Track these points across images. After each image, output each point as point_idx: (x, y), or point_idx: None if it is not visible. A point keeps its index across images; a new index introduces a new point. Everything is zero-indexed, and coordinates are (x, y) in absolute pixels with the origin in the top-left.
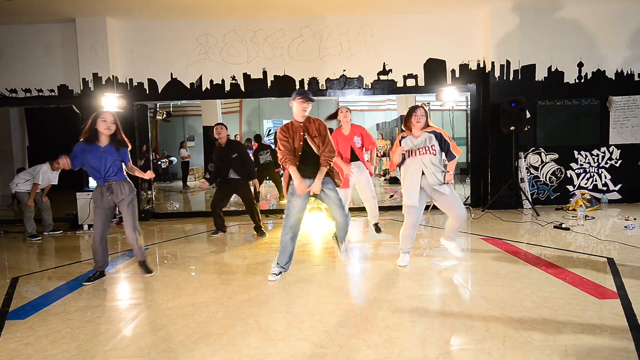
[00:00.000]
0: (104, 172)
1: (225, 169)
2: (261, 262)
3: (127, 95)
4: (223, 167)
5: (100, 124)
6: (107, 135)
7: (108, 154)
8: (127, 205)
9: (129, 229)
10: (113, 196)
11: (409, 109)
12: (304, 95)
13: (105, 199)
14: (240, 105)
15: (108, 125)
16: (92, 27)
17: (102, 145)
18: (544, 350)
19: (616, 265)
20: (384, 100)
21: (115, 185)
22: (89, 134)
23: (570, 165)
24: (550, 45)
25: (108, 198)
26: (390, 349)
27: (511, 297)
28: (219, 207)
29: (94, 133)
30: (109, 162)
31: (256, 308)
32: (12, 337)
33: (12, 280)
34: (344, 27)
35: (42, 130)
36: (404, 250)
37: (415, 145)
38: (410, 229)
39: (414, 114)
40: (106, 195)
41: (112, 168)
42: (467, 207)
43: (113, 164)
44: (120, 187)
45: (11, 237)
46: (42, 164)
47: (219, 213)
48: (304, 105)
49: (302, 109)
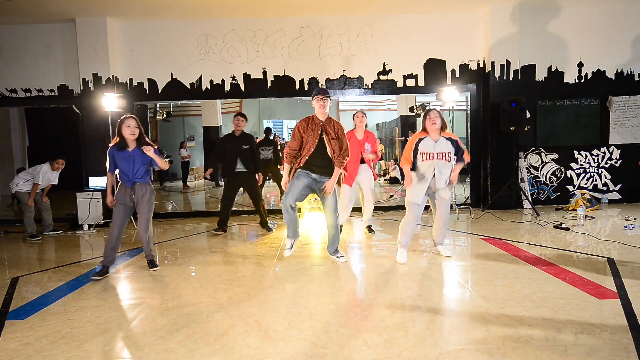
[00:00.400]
0: (132, 176)
1: (233, 158)
2: (261, 262)
3: (127, 95)
4: (230, 156)
5: (125, 130)
6: (133, 140)
7: (135, 157)
8: (145, 204)
9: (142, 229)
10: (135, 196)
11: (424, 112)
12: (320, 92)
13: (128, 198)
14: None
15: (132, 130)
16: (92, 27)
17: (130, 150)
18: (544, 350)
19: (616, 265)
20: (384, 100)
21: (139, 187)
22: (119, 140)
23: (570, 165)
24: (550, 45)
25: (131, 196)
26: (390, 349)
27: (511, 297)
28: (229, 204)
29: (123, 139)
30: (137, 166)
31: (256, 308)
32: (12, 337)
33: (12, 280)
34: (344, 27)
35: (42, 130)
36: (402, 245)
37: (434, 149)
38: (410, 224)
39: (428, 117)
40: (129, 194)
41: (139, 171)
42: (467, 207)
43: (140, 168)
44: (143, 188)
45: (11, 237)
46: (43, 164)
47: (227, 211)
48: (321, 102)
49: (320, 106)
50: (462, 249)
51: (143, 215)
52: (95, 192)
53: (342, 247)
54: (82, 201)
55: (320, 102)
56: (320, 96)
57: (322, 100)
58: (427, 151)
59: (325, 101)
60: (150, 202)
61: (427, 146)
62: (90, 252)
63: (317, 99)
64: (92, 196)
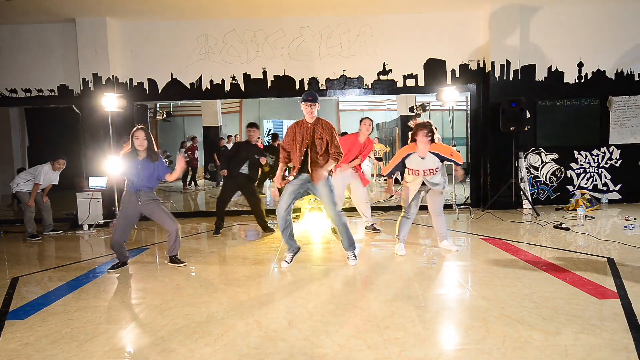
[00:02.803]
0: (136, 184)
1: (241, 161)
2: (261, 262)
3: (127, 95)
4: (239, 159)
5: (135, 142)
6: (143, 150)
7: (143, 168)
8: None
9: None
10: (140, 203)
11: (416, 126)
12: (305, 100)
13: (131, 204)
14: (240, 105)
15: (141, 142)
16: (92, 27)
17: (140, 159)
18: (544, 350)
19: (616, 265)
20: (384, 100)
21: (144, 194)
22: (130, 150)
23: (570, 165)
24: (550, 45)
25: (137, 203)
26: (390, 349)
27: (511, 297)
28: (224, 204)
29: (134, 149)
30: (143, 175)
31: (256, 308)
32: (12, 337)
33: (12, 280)
34: (344, 27)
35: (42, 130)
36: (401, 239)
37: (420, 167)
38: (406, 220)
39: (422, 132)
40: (134, 200)
41: (144, 181)
42: (467, 207)
43: (146, 178)
44: (147, 195)
45: (11, 237)
46: (43, 164)
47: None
48: (308, 109)
49: (307, 112)
50: (462, 249)
51: (159, 215)
52: (95, 192)
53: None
54: (82, 201)
55: (308, 108)
56: (308, 103)
57: (309, 107)
58: (414, 168)
59: (313, 107)
60: (157, 202)
61: (414, 163)
62: (90, 252)
63: (305, 105)
64: (92, 196)
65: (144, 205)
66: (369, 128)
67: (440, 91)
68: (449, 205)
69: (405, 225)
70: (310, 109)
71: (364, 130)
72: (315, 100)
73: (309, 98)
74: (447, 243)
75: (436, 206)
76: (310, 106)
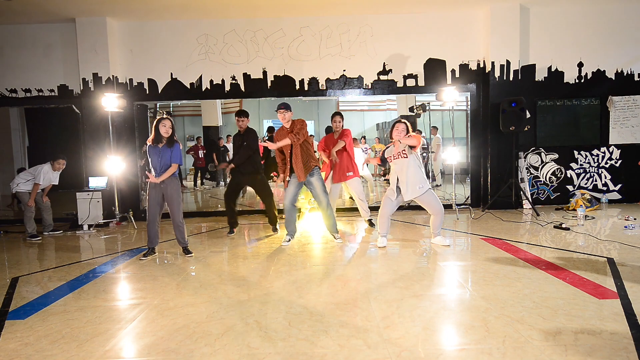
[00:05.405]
0: (159, 169)
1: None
2: (261, 262)
3: (127, 95)
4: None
5: (161, 128)
6: (166, 137)
7: (163, 153)
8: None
9: (176, 217)
10: (163, 187)
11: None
12: (280, 108)
13: (156, 189)
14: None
15: (167, 130)
16: (92, 27)
17: (160, 147)
18: (544, 350)
19: (616, 265)
20: (384, 100)
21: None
22: (155, 137)
23: (570, 165)
24: (550, 45)
25: (160, 187)
26: (390, 349)
27: (511, 297)
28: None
29: (158, 136)
30: (164, 160)
31: (256, 308)
32: (12, 337)
33: (12, 280)
34: (344, 27)
35: (42, 130)
36: (382, 234)
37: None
38: (383, 217)
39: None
40: (158, 186)
41: (165, 166)
42: (467, 207)
43: (166, 163)
44: (169, 181)
45: (11, 237)
46: (44, 164)
47: (232, 207)
48: (280, 116)
49: (281, 119)
50: (462, 249)
51: (174, 205)
52: (95, 192)
53: (341, 247)
54: (82, 201)
55: (281, 115)
56: (281, 110)
57: (282, 114)
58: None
59: (284, 114)
60: (178, 193)
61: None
62: (90, 252)
63: (279, 113)
64: (92, 196)
65: (166, 187)
66: (338, 125)
67: (440, 91)
68: (449, 205)
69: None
70: (283, 115)
71: (334, 126)
72: (287, 108)
73: (281, 107)
74: (439, 239)
75: (429, 206)
76: (283, 113)
